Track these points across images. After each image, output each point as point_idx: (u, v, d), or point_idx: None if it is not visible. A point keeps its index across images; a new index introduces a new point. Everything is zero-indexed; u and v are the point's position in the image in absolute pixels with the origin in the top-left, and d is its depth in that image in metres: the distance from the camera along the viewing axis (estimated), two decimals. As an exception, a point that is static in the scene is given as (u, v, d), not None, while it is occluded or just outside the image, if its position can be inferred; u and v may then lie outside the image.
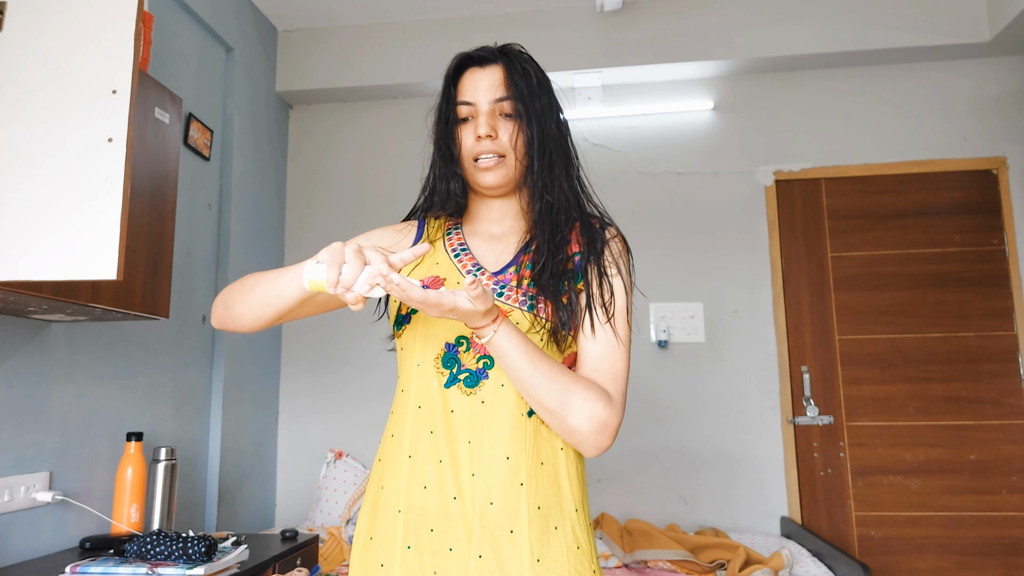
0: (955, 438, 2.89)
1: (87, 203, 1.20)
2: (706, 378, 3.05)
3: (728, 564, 2.30)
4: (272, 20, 3.26)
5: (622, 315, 1.04)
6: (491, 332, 0.91)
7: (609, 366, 1.01)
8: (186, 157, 2.56)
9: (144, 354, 2.29)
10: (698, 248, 3.13)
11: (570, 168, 1.12)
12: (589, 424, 0.95)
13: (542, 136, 1.07)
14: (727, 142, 3.19)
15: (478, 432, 0.98)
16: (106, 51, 1.25)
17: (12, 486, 1.74)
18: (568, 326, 1.02)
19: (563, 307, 1.02)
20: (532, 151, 1.06)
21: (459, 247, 1.12)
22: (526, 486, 0.96)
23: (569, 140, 1.13)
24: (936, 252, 3.01)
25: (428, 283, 1.08)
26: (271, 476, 3.15)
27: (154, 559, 1.57)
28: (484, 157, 1.06)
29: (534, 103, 1.07)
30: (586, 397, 0.96)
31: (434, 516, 0.97)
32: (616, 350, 1.02)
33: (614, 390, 1.00)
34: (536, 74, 1.10)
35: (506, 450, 0.97)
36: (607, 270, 1.05)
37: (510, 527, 0.94)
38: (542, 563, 0.93)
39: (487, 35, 3.19)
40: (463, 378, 1.00)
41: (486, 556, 0.93)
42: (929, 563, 2.82)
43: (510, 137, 1.06)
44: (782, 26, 3.05)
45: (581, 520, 0.99)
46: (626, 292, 1.06)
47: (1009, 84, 3.06)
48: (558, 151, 1.09)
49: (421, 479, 0.99)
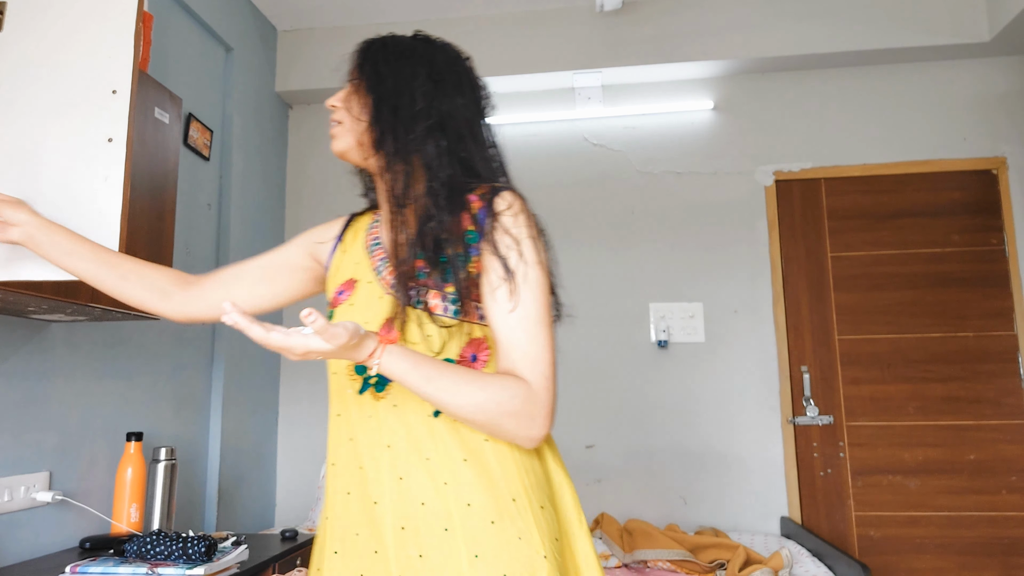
0: (954, 438, 2.89)
1: (87, 203, 1.20)
2: (706, 378, 3.05)
3: (728, 564, 2.30)
4: (272, 20, 3.26)
5: (531, 291, 0.95)
6: (375, 364, 0.87)
7: (524, 352, 0.94)
8: (186, 157, 2.56)
9: (144, 354, 2.29)
10: (698, 248, 3.13)
11: (439, 137, 1.01)
12: (512, 422, 0.91)
13: (380, 96, 1.03)
14: (727, 142, 3.19)
15: (397, 436, 0.97)
16: (106, 51, 1.25)
17: (12, 486, 1.74)
18: (461, 313, 0.97)
19: (451, 296, 0.97)
20: (371, 113, 1.03)
21: (373, 241, 1.10)
22: (450, 485, 0.93)
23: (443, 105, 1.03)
24: (936, 252, 3.01)
25: (344, 287, 1.07)
26: (271, 476, 3.15)
27: (154, 559, 1.57)
28: (331, 128, 1.09)
29: (376, 68, 1.04)
30: (500, 399, 0.90)
31: (357, 521, 0.97)
32: (529, 330, 0.94)
33: (533, 374, 0.93)
34: (397, 45, 1.06)
35: (425, 451, 0.95)
36: (500, 246, 0.96)
37: (443, 526, 0.93)
38: (480, 559, 0.91)
39: (487, 35, 3.19)
40: (374, 383, 0.99)
41: (426, 555, 0.92)
42: (928, 563, 2.82)
43: (344, 100, 1.07)
44: (782, 26, 3.05)
45: (521, 510, 0.93)
46: (533, 264, 0.96)
47: (1009, 84, 3.06)
48: (409, 114, 1.01)
49: (344, 486, 0.99)
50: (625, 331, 3.12)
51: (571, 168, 3.26)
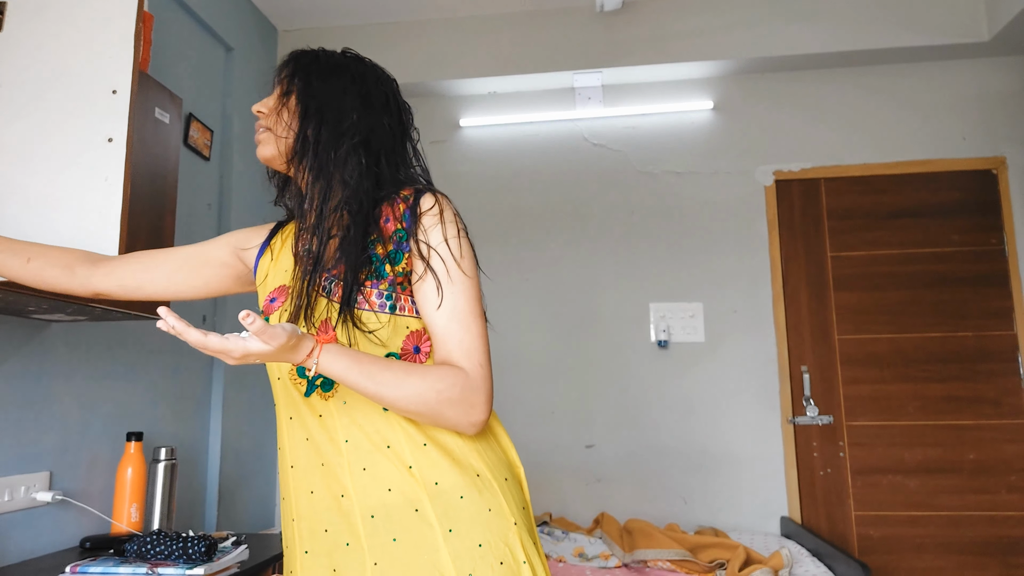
0: (954, 438, 2.89)
1: (87, 203, 1.20)
2: (706, 378, 3.05)
3: (728, 564, 2.30)
4: (272, 20, 3.26)
5: (460, 285, 0.99)
6: (313, 364, 0.89)
7: (459, 341, 0.97)
8: (186, 157, 2.56)
9: (144, 354, 2.29)
10: (698, 248, 3.13)
11: (358, 146, 1.04)
12: (452, 410, 0.94)
13: (308, 107, 1.05)
14: (727, 142, 3.19)
15: (352, 431, 0.98)
16: (106, 51, 1.25)
17: (12, 486, 1.74)
18: (398, 308, 0.99)
19: (386, 292, 0.99)
20: (299, 122, 1.05)
21: (303, 248, 1.09)
22: (416, 467, 0.96)
23: (368, 116, 1.06)
24: (935, 252, 3.01)
25: (276, 293, 1.08)
26: (271, 476, 3.15)
27: (154, 559, 1.57)
28: (257, 134, 1.10)
29: (307, 80, 1.06)
30: (439, 389, 0.93)
31: (325, 517, 0.98)
32: (462, 322, 0.98)
33: (469, 362, 0.97)
34: (329, 60, 1.09)
35: (385, 440, 0.97)
36: (426, 243, 1.00)
37: (414, 507, 0.95)
38: (455, 533, 0.94)
39: (487, 35, 3.19)
40: (319, 383, 1.01)
41: (400, 539, 0.94)
42: (928, 562, 2.82)
43: (273, 109, 1.08)
44: (782, 26, 3.05)
45: (487, 483, 0.97)
46: (459, 257, 1.00)
47: (1008, 84, 3.06)
48: (333, 125, 1.04)
49: (307, 485, 1.00)
50: (625, 331, 3.12)
51: (571, 168, 3.26)
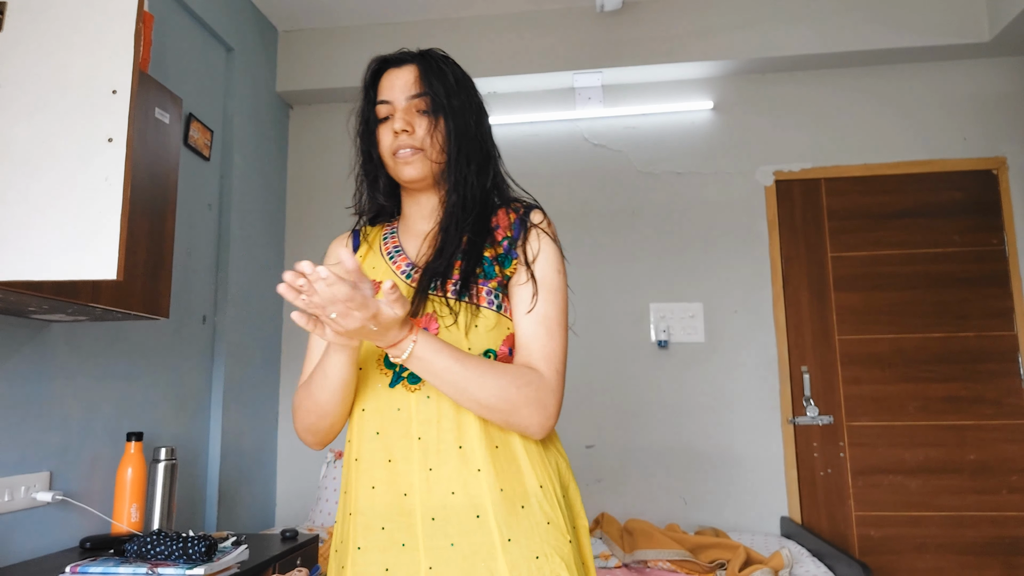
0: (955, 438, 2.89)
1: (87, 203, 1.20)
2: (706, 378, 3.05)
3: (728, 564, 2.30)
4: (272, 20, 3.26)
5: (553, 295, 1.05)
6: (410, 343, 0.92)
7: (542, 347, 1.02)
8: (186, 157, 2.56)
9: (144, 354, 2.29)
10: (698, 248, 3.13)
11: (488, 163, 1.14)
12: (528, 410, 0.97)
13: (458, 131, 1.10)
14: (727, 142, 3.19)
15: (427, 427, 0.99)
16: (106, 51, 1.25)
17: (12, 486, 1.74)
18: (503, 308, 1.04)
19: (494, 291, 1.04)
20: (449, 146, 1.09)
21: (394, 249, 1.14)
22: (484, 471, 0.97)
23: (489, 137, 1.16)
24: (936, 252, 3.01)
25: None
26: (271, 476, 3.15)
27: (154, 559, 1.57)
28: (402, 151, 1.09)
29: (450, 100, 1.10)
30: (519, 384, 0.97)
31: (384, 514, 0.98)
32: (549, 330, 1.03)
33: (547, 369, 1.01)
34: (454, 74, 1.13)
35: (458, 440, 0.99)
36: (531, 253, 1.07)
37: (476, 512, 0.96)
38: (513, 542, 0.94)
39: (487, 35, 3.20)
40: (406, 375, 1.02)
41: (458, 544, 0.94)
42: (929, 563, 2.82)
43: (426, 132, 1.09)
44: (782, 26, 3.05)
45: (548, 496, 0.99)
46: (556, 272, 1.07)
47: (1009, 84, 3.06)
48: (475, 147, 1.12)
49: (369, 480, 1.00)
50: (625, 331, 3.12)
51: (571, 168, 3.26)
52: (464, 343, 1.00)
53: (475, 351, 1.01)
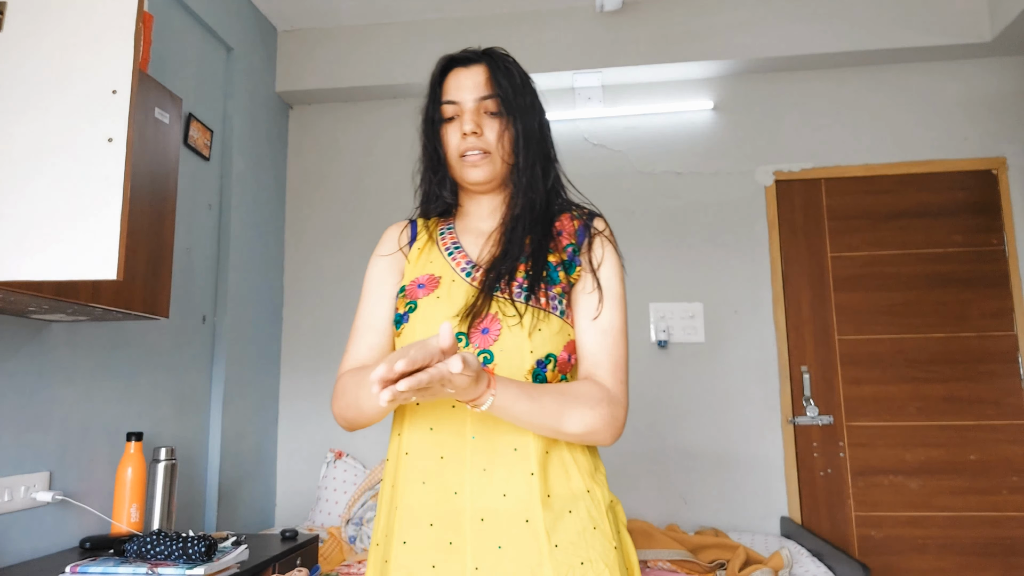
0: (955, 438, 2.89)
1: (87, 203, 1.20)
2: (706, 378, 3.04)
3: (728, 564, 2.30)
4: (272, 20, 3.26)
5: (616, 303, 1.07)
6: (490, 396, 0.90)
7: (608, 356, 1.03)
8: (186, 157, 2.56)
9: (144, 354, 2.29)
10: (698, 248, 3.13)
11: (550, 165, 1.16)
12: (602, 428, 0.98)
13: (526, 134, 1.10)
14: (727, 142, 3.19)
15: (482, 427, 0.99)
16: (106, 51, 1.25)
17: (12, 486, 1.74)
18: (565, 314, 1.04)
19: (558, 297, 1.04)
20: (517, 148, 1.10)
21: (452, 245, 1.14)
22: (537, 475, 0.97)
23: (549, 137, 1.18)
24: (936, 252, 3.01)
25: (424, 281, 1.09)
26: (271, 476, 3.15)
27: (154, 559, 1.57)
28: (471, 153, 1.09)
29: (517, 101, 1.10)
30: (592, 406, 0.98)
31: (433, 511, 0.97)
32: (614, 339, 1.04)
33: (613, 381, 1.02)
34: (519, 74, 1.13)
35: (512, 442, 0.98)
36: (596, 260, 1.08)
37: (525, 517, 0.95)
38: (560, 548, 0.94)
39: (487, 35, 3.19)
40: None
41: (505, 547, 0.94)
42: (929, 563, 2.82)
43: (495, 135, 1.09)
44: (782, 26, 3.05)
45: (595, 501, 1.00)
46: (619, 281, 1.09)
47: (1009, 84, 3.06)
48: (540, 149, 1.14)
49: (419, 475, 0.99)
50: (625, 331, 3.12)
51: (571, 168, 3.22)
52: (527, 345, 0.99)
53: (536, 354, 1.00)
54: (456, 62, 1.13)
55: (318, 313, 3.28)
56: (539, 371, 1.00)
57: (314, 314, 3.28)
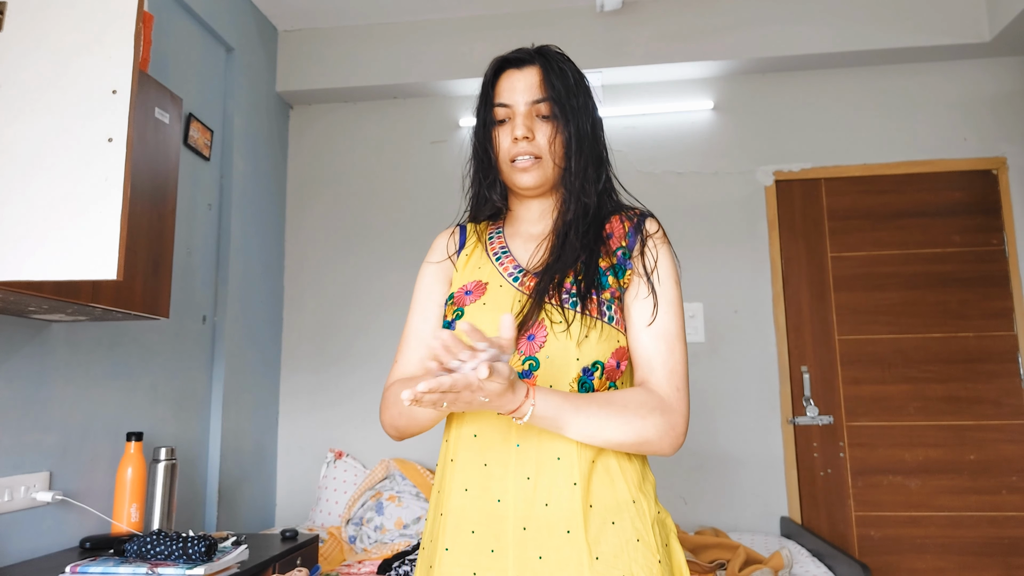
0: (955, 438, 2.89)
1: (87, 203, 1.20)
2: (706, 378, 3.04)
3: (728, 564, 2.30)
4: (272, 20, 3.26)
5: (672, 307, 1.03)
6: (530, 407, 0.89)
7: (664, 362, 1.00)
8: (186, 157, 2.56)
9: (144, 354, 2.29)
10: (698, 248, 3.13)
11: (602, 167, 1.13)
12: (657, 437, 0.97)
13: (578, 137, 1.08)
14: (727, 142, 3.19)
15: (527, 435, 0.97)
16: (106, 51, 1.25)
17: (12, 486, 1.74)
18: (615, 320, 1.01)
19: (607, 302, 1.01)
20: (569, 152, 1.07)
21: (500, 250, 1.12)
22: (580, 485, 0.95)
23: (603, 138, 1.14)
24: (936, 252, 3.01)
25: (472, 287, 1.08)
26: (271, 476, 3.15)
27: (154, 559, 1.57)
28: (521, 158, 1.07)
29: (571, 103, 1.08)
30: (643, 414, 0.96)
31: (475, 518, 0.97)
32: (670, 345, 1.01)
33: (669, 387, 0.99)
34: (573, 74, 1.11)
35: (557, 451, 0.97)
36: (649, 264, 1.05)
37: (566, 527, 0.94)
38: (601, 560, 0.93)
39: (488, 35, 3.19)
40: None
41: (546, 557, 0.93)
42: (929, 563, 2.82)
43: (547, 139, 1.07)
44: (782, 26, 3.05)
45: (640, 512, 0.98)
46: (674, 283, 1.05)
47: (1009, 84, 3.06)
48: (592, 151, 1.10)
49: (463, 482, 0.99)
50: (625, 331, 3.12)
51: (571, 168, 3.25)
52: (574, 352, 0.98)
53: (583, 362, 0.98)
54: (509, 63, 1.11)
55: (318, 313, 3.28)
56: (585, 379, 0.98)
57: (314, 314, 3.28)
